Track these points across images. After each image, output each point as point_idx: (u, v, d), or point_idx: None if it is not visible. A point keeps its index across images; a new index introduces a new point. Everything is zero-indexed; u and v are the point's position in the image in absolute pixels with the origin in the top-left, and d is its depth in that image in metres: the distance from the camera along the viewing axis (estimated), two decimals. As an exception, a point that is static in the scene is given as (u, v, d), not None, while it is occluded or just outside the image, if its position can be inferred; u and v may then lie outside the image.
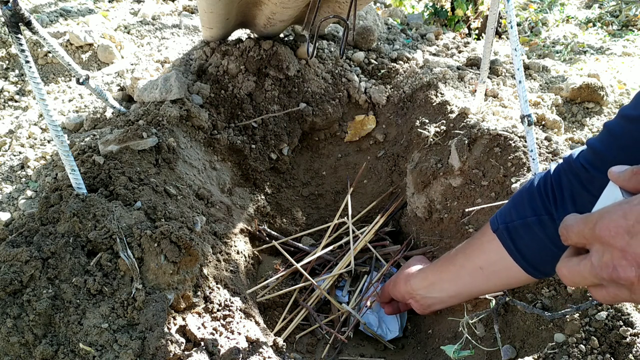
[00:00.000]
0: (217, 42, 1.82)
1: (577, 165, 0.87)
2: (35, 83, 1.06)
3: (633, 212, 0.40)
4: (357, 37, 1.98)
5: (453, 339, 1.26)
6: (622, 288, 0.42)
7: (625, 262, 0.41)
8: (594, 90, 1.81)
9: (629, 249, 0.40)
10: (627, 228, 0.40)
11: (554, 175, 0.92)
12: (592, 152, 0.84)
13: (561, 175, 0.90)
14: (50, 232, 1.10)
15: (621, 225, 0.41)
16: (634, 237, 0.40)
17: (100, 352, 0.95)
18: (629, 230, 0.40)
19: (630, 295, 0.42)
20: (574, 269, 0.46)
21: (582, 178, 0.86)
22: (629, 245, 0.40)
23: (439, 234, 1.52)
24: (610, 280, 0.42)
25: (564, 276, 0.48)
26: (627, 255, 0.41)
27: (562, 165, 0.91)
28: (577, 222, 0.46)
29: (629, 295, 0.42)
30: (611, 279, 0.42)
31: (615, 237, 0.41)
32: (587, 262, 0.45)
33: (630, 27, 3.08)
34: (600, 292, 0.45)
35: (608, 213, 0.43)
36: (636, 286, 0.41)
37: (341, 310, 1.49)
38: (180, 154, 1.47)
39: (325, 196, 1.86)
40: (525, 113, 1.23)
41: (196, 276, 1.16)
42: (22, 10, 1.02)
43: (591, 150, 0.84)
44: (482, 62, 1.47)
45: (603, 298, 0.45)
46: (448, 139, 1.55)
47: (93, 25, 2.05)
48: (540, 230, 0.92)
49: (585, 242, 0.45)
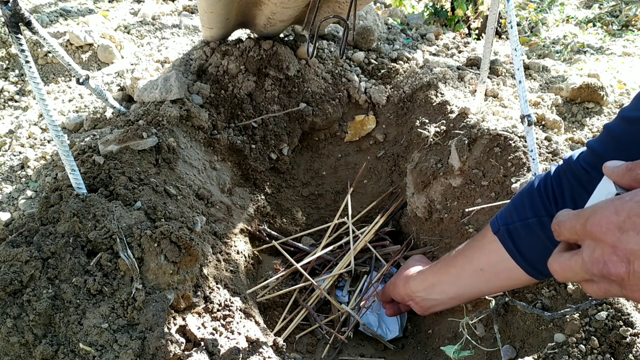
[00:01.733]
0: (217, 42, 1.82)
1: (577, 167, 0.87)
2: (35, 83, 1.06)
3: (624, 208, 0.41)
4: (357, 37, 1.98)
5: (453, 339, 1.26)
6: (613, 283, 0.42)
7: (615, 258, 0.41)
8: (594, 90, 1.80)
9: (619, 245, 0.40)
10: (619, 224, 0.40)
11: (554, 176, 0.92)
12: (592, 154, 0.84)
13: (561, 176, 0.90)
14: (50, 232, 1.10)
15: (612, 221, 0.41)
16: (625, 233, 0.40)
17: (100, 352, 0.95)
18: (620, 226, 0.40)
19: (621, 290, 0.42)
20: (565, 264, 0.46)
21: (582, 179, 0.86)
22: (619, 241, 0.40)
23: (439, 234, 1.52)
24: (601, 275, 0.42)
25: (555, 271, 0.48)
26: (617, 251, 0.41)
27: (562, 167, 0.91)
28: (569, 218, 0.46)
29: (619, 291, 0.42)
30: (602, 274, 0.42)
31: (606, 233, 0.41)
32: (578, 257, 0.45)
33: (630, 27, 3.07)
34: (592, 287, 0.45)
35: (600, 209, 0.43)
36: (626, 282, 0.41)
37: (341, 310, 1.49)
38: (180, 154, 1.47)
39: (325, 196, 1.86)
40: (525, 113, 1.23)
41: (196, 276, 1.16)
42: (22, 10, 1.02)
43: (591, 151, 0.84)
44: (482, 62, 1.47)
45: (595, 293, 0.45)
46: (448, 139, 1.55)
47: (93, 25, 2.05)
48: (541, 231, 0.92)
49: (577, 237, 0.46)
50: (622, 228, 0.40)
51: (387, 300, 1.39)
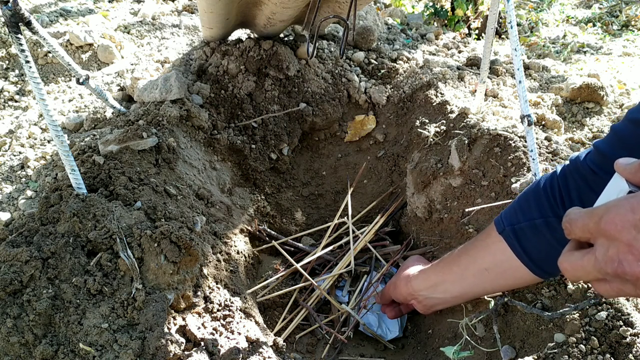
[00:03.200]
0: (217, 42, 1.82)
1: (584, 167, 0.87)
2: (35, 83, 1.06)
3: None
4: (357, 37, 1.98)
5: (453, 339, 1.26)
6: (627, 283, 0.41)
7: (631, 257, 0.40)
8: (594, 90, 1.80)
9: (635, 244, 0.40)
10: (635, 222, 0.40)
11: (560, 176, 0.92)
12: (599, 154, 0.84)
13: (567, 176, 0.90)
14: (50, 232, 1.10)
15: (628, 219, 0.40)
16: None
17: (100, 352, 0.95)
18: (636, 225, 0.40)
19: (635, 290, 0.41)
20: (576, 263, 0.45)
21: (589, 180, 0.86)
22: (635, 239, 0.40)
23: (439, 234, 1.52)
24: (615, 275, 0.41)
25: (566, 270, 0.47)
26: (633, 250, 0.40)
27: (568, 167, 0.91)
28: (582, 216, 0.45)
29: (633, 290, 0.41)
30: (616, 273, 0.41)
31: (622, 231, 0.40)
32: (590, 256, 0.44)
33: (630, 27, 3.08)
34: (604, 286, 0.44)
35: (615, 207, 0.42)
36: None
37: (341, 310, 1.49)
38: (180, 154, 1.47)
39: (325, 196, 1.86)
40: (525, 113, 1.23)
41: (196, 276, 1.16)
42: (22, 10, 1.02)
43: (598, 152, 0.84)
44: (482, 62, 1.47)
45: (607, 292, 0.44)
46: (448, 139, 1.55)
47: (93, 25, 2.05)
48: (547, 232, 0.92)
49: (589, 236, 0.45)
50: (639, 226, 0.40)
51: (387, 302, 1.38)
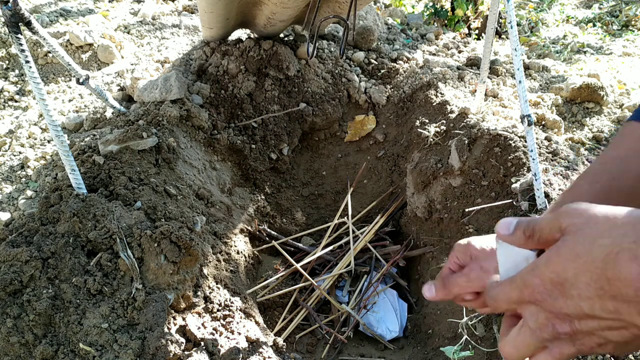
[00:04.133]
0: (217, 42, 1.82)
1: None
2: (35, 83, 1.06)
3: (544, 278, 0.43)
4: (357, 37, 1.98)
5: (453, 339, 1.26)
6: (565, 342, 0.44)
7: (558, 320, 0.43)
8: (594, 90, 1.80)
9: (554, 310, 0.43)
10: (547, 292, 0.43)
11: None
12: None
13: None
14: (50, 232, 1.10)
15: (541, 291, 0.43)
16: (556, 300, 0.42)
17: (100, 352, 0.95)
18: (550, 294, 0.43)
19: (574, 346, 0.43)
20: (516, 340, 0.47)
21: None
22: (553, 307, 0.43)
23: (439, 234, 1.52)
24: (552, 338, 0.44)
25: (510, 354, 0.48)
26: (558, 315, 0.43)
27: None
28: (502, 290, 0.47)
29: (573, 347, 0.44)
30: (552, 336, 0.44)
31: (542, 302, 0.43)
32: (525, 328, 0.46)
33: (630, 27, 3.08)
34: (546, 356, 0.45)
35: (526, 278, 0.44)
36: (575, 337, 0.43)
37: (341, 310, 1.49)
38: (180, 154, 1.47)
39: (325, 196, 1.86)
40: (525, 113, 1.23)
41: (196, 276, 1.16)
42: (22, 10, 1.02)
43: None
44: (482, 62, 1.47)
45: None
46: (448, 139, 1.55)
47: (93, 25, 2.05)
48: None
49: (515, 306, 0.47)
50: (552, 296, 0.42)
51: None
